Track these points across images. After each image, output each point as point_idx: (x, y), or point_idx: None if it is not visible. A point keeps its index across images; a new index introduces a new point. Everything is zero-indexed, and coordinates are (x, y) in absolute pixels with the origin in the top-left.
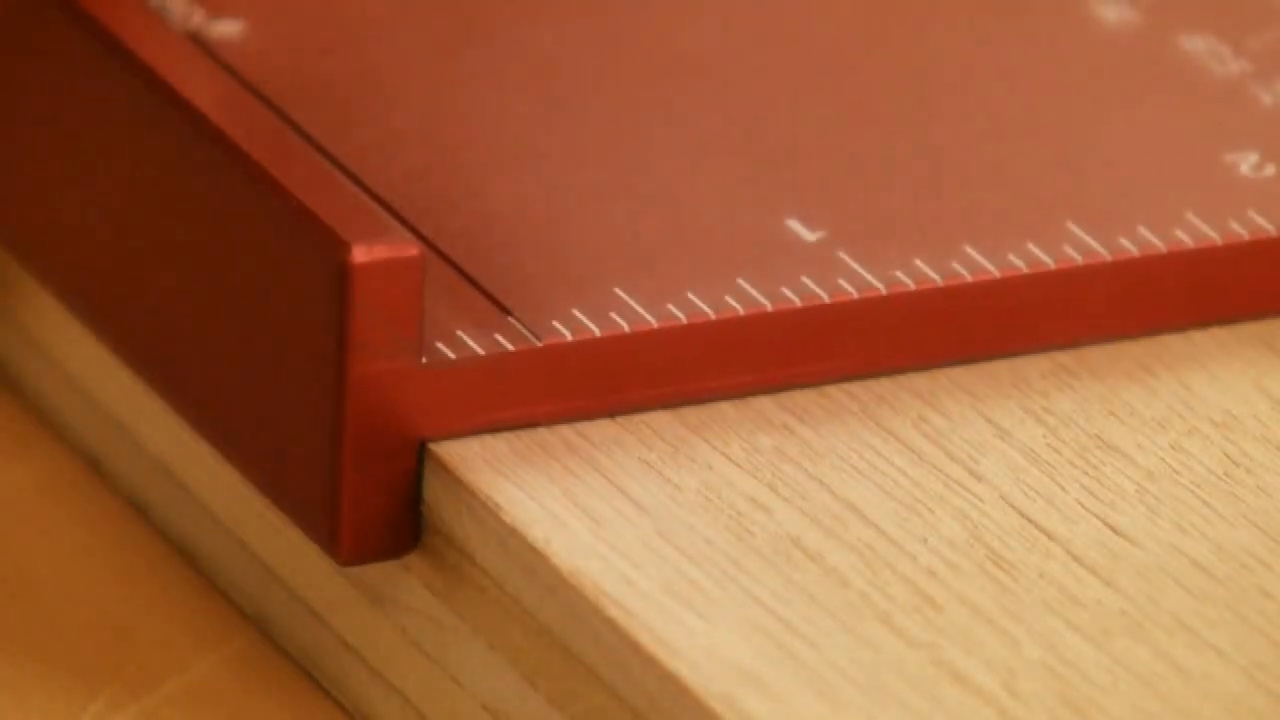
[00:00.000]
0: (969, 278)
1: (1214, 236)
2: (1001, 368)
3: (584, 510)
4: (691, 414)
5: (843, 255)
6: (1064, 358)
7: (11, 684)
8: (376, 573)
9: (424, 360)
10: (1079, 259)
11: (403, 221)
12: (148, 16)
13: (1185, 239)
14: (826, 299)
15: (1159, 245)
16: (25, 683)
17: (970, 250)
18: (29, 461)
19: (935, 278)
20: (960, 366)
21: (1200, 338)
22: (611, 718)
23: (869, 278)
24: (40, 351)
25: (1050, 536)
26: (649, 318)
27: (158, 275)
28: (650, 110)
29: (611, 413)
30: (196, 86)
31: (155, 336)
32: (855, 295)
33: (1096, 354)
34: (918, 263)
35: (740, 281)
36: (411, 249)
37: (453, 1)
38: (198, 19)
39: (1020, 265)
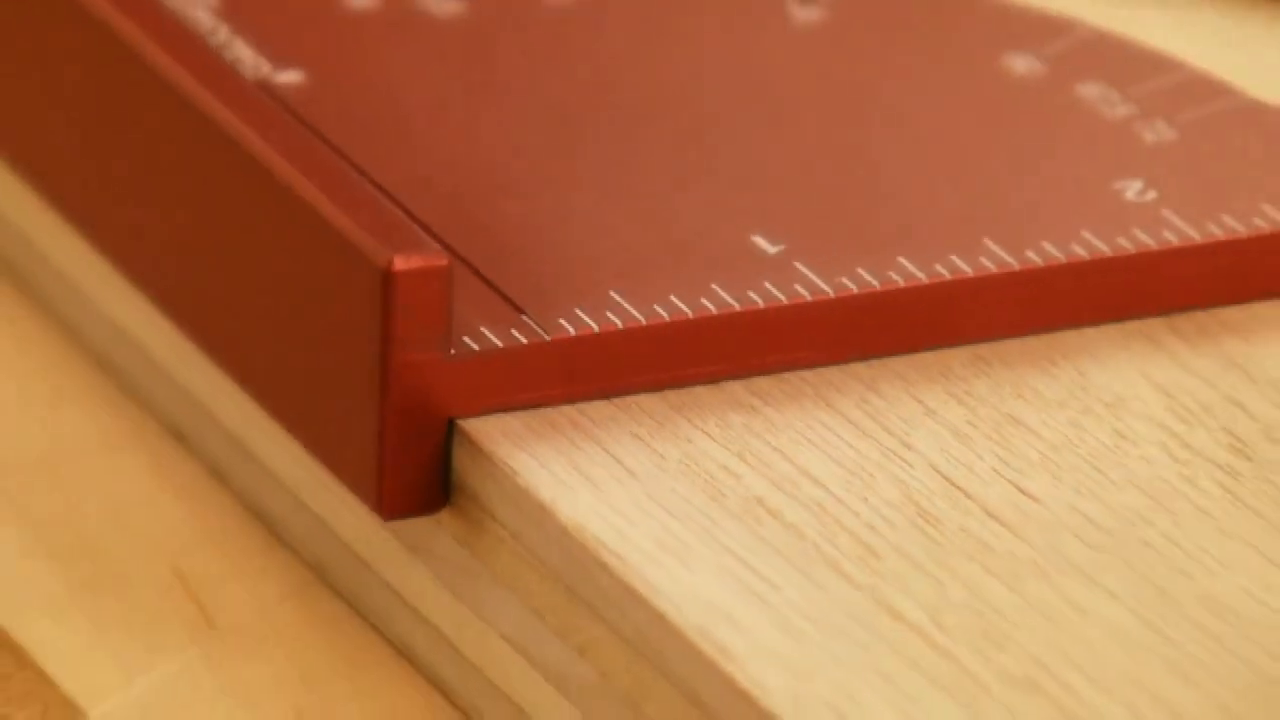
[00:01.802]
0: (902, 283)
1: (1105, 249)
2: (929, 358)
3: (584, 475)
4: (674, 396)
5: (798, 265)
6: (981, 350)
7: (98, 623)
8: (413, 527)
9: (452, 352)
10: (993, 268)
11: (434, 236)
12: (226, 68)
13: (1081, 252)
14: (785, 301)
15: (1060, 257)
16: (107, 624)
17: (904, 261)
18: (121, 428)
19: (874, 283)
20: (895, 357)
21: (1093, 333)
22: (607, 646)
23: (820, 283)
24: (134, 342)
25: (970, 497)
26: (639, 316)
27: (235, 282)
28: (638, 144)
29: (607, 395)
30: (266, 126)
31: (232, 331)
32: (809, 298)
33: (1007, 347)
34: (860, 271)
35: (714, 286)
36: (442, 259)
37: (475, 54)
38: (266, 69)
39: (944, 273)
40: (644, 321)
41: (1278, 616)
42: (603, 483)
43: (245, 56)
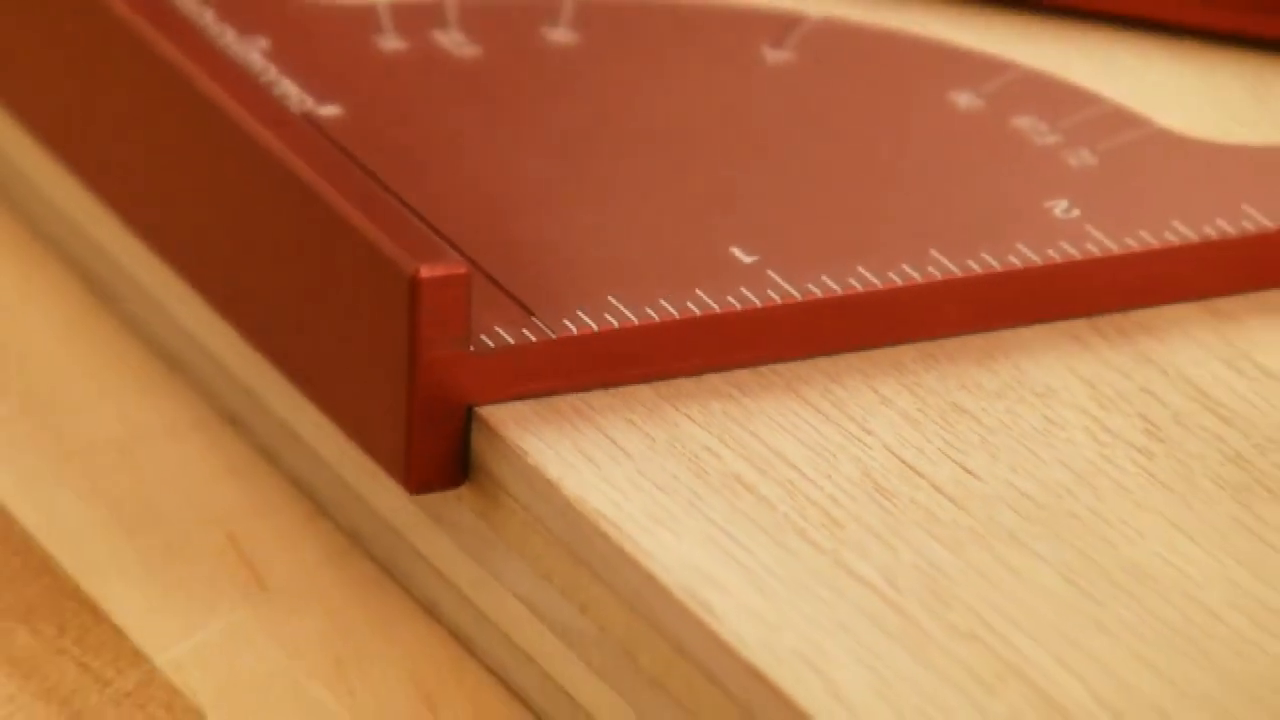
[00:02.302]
0: (860, 289)
1: (1036, 259)
2: (884, 354)
3: (586, 455)
4: (663, 387)
5: (770, 273)
6: (929, 347)
7: (163, 584)
8: (437, 500)
9: (471, 348)
10: (939, 276)
11: (455, 248)
12: (275, 103)
13: (1016, 262)
14: (759, 304)
15: (997, 266)
16: (171, 585)
17: (861, 269)
18: (185, 416)
19: (836, 289)
20: (854, 353)
21: (1026, 332)
22: (606, 604)
23: (789, 289)
24: (197, 342)
25: (919, 474)
26: (632, 317)
27: (284, 288)
28: (632, 167)
29: (605, 386)
30: (310, 153)
31: (281, 330)
32: (779, 302)
33: (952, 344)
34: (824, 278)
35: (698, 292)
36: (462, 268)
37: (490, 90)
38: (309, 104)
39: (897, 280)
40: (636, 322)
41: (1185, 577)
42: (601, 462)
43: (291, 93)
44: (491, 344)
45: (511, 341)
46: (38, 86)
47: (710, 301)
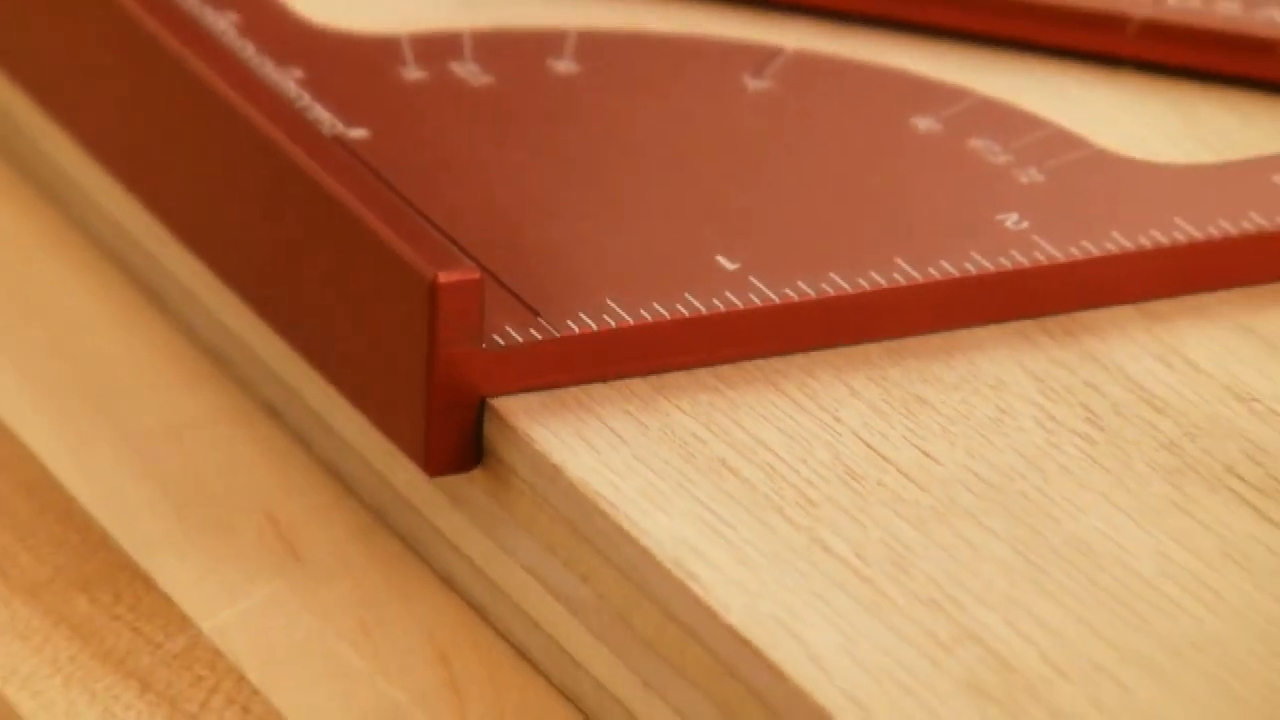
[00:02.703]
0: (832, 293)
1: (990, 266)
2: (854, 351)
3: (586, 442)
4: (655, 380)
5: (752, 279)
6: (893, 345)
7: (209, 557)
8: (452, 481)
9: (483, 345)
10: (904, 281)
11: (470, 256)
12: (309, 126)
13: (971, 268)
14: (742, 307)
15: (955, 272)
16: (216, 558)
17: (834, 275)
18: (228, 405)
19: (811, 293)
20: (827, 350)
21: (981, 332)
22: (604, 575)
23: (769, 293)
24: (238, 338)
25: (885, 459)
26: (628, 318)
27: (316, 291)
28: (628, 184)
29: (604, 380)
30: (341, 172)
31: (313, 329)
32: (760, 305)
33: (915, 342)
34: (800, 283)
35: (687, 295)
36: (475, 274)
37: (501, 115)
38: (340, 127)
39: (865, 285)
40: (632, 322)
41: (1122, 549)
42: (601, 448)
43: (323, 118)
44: (502, 342)
45: (520, 340)
46: (100, 115)
47: (698, 304)
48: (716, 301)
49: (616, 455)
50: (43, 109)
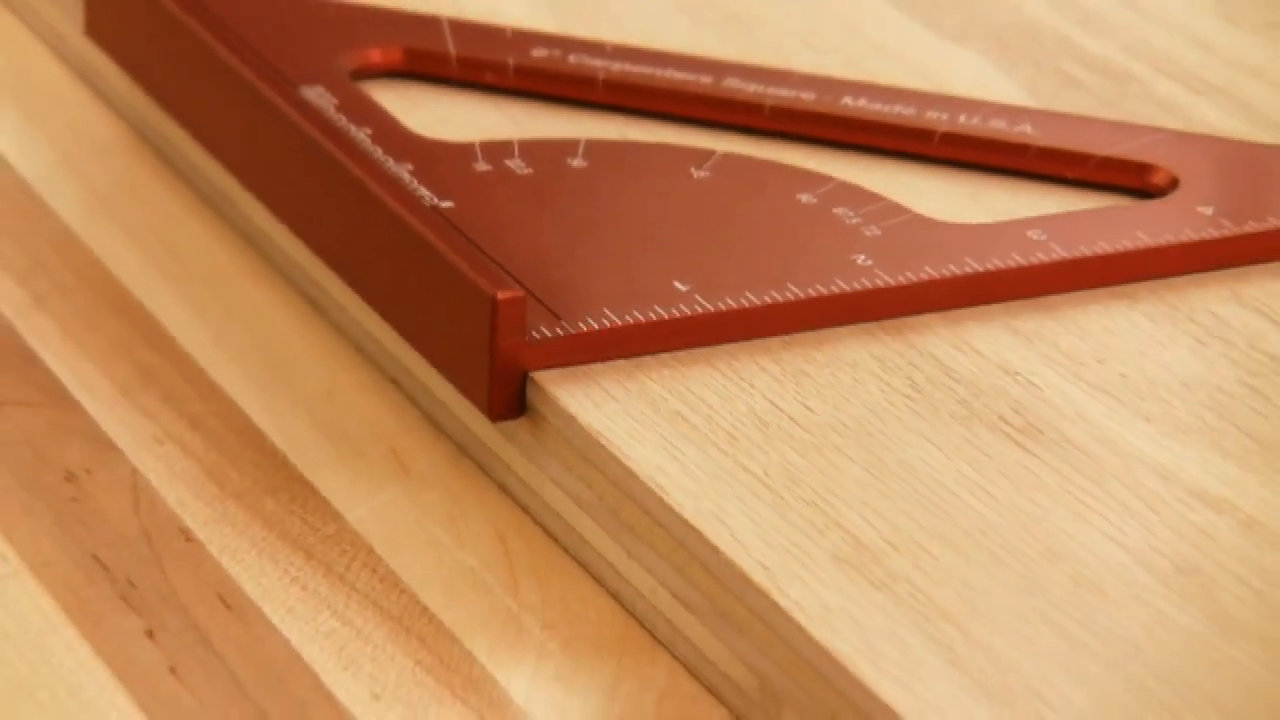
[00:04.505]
0: (748, 305)
1: (847, 288)
2: (761, 343)
3: (591, 400)
4: (635, 360)
5: (697, 296)
6: (787, 338)
7: (352, 472)
8: (507, 425)
9: (526, 339)
10: (792, 298)
11: (517, 280)
12: (417, 200)
13: (836, 290)
14: (690, 314)
15: (825, 291)
16: (355, 473)
17: (749, 294)
18: (362, 379)
19: (734, 304)
20: (744, 342)
21: (842, 331)
22: (601, 484)
23: (708, 305)
24: (369, 332)
25: (782, 410)
26: (618, 321)
27: (421, 303)
28: (619, 235)
29: (602, 360)
30: (436, 228)
31: (420, 326)
32: (702, 312)
33: (800, 338)
34: (728, 299)
35: (655, 306)
36: (520, 293)
37: (538, 193)
38: (435, 199)
39: (769, 300)
40: (620, 324)
41: (932, 469)
42: (601, 403)
43: (425, 194)
44: (537, 336)
45: (549, 335)
46: (283, 191)
47: (662, 312)
48: (674, 310)
49: (611, 408)
50: (244, 187)
